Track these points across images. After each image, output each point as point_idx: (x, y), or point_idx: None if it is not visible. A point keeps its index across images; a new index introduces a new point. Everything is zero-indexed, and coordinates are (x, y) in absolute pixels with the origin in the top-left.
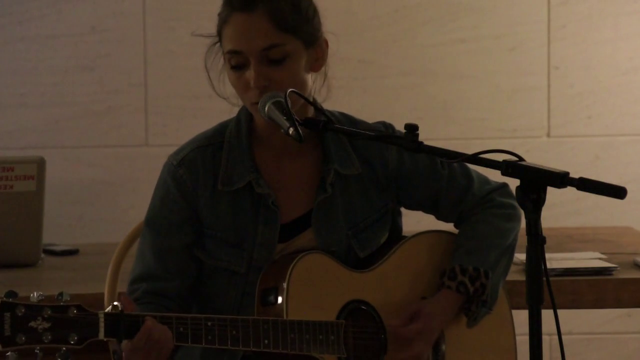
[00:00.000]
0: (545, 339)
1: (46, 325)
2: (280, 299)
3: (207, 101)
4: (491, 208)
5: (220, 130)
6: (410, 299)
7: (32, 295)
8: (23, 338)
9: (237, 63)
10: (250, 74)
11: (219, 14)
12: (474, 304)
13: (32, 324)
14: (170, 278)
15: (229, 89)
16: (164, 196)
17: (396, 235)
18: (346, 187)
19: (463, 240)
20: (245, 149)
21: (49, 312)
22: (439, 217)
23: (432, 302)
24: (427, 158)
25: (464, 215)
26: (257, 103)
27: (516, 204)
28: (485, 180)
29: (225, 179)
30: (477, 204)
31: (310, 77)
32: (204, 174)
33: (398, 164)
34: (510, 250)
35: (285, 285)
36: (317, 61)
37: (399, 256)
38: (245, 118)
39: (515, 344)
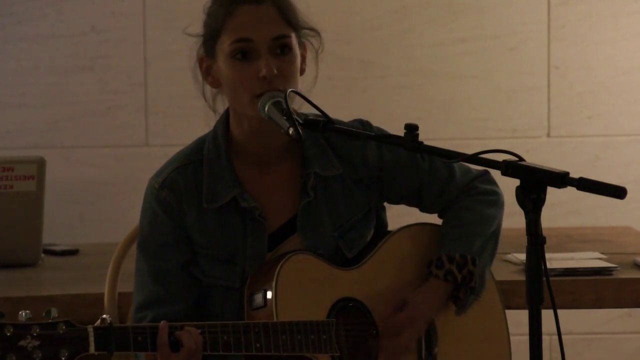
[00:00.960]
0: (545, 339)
1: (36, 343)
2: (269, 301)
3: None
4: (474, 195)
5: (198, 147)
6: (399, 293)
7: (20, 314)
8: (14, 357)
9: (244, 53)
10: (261, 63)
11: (214, 11)
12: (462, 291)
13: (22, 342)
14: (173, 301)
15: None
16: (152, 219)
17: (382, 231)
18: (328, 188)
19: (448, 229)
20: (225, 163)
21: (38, 330)
22: (422, 209)
23: (420, 291)
24: (407, 152)
25: (448, 204)
26: (259, 96)
27: (498, 189)
28: (466, 169)
29: (209, 196)
30: (459, 193)
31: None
32: (187, 194)
33: (378, 160)
34: (495, 236)
35: (273, 285)
36: (301, 65)
37: (385, 251)
38: (222, 131)
39: (508, 334)
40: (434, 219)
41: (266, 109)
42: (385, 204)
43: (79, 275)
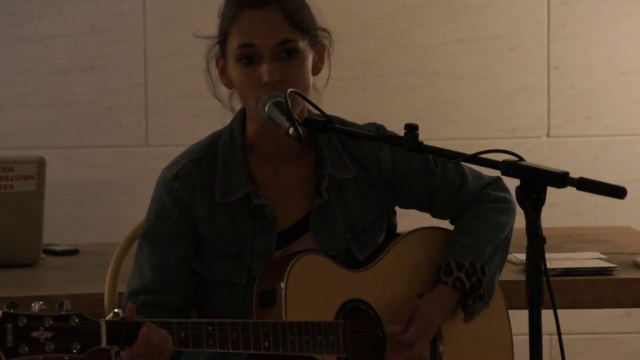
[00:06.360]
0: (545, 339)
1: (48, 335)
2: (278, 300)
3: (207, 101)
4: (486, 203)
5: (214, 141)
6: (407, 296)
7: (33, 305)
8: (26, 348)
9: (249, 57)
10: (263, 68)
11: (223, 14)
12: (471, 298)
13: (35, 334)
14: (168, 291)
15: (223, 93)
16: (159, 210)
17: (391, 234)
18: (342, 190)
19: (458, 235)
20: (240, 159)
21: (51, 321)
22: (434, 215)
23: (429, 299)
24: (421, 157)
25: (459, 211)
26: None
27: (510, 197)
28: (478, 175)
29: (222, 190)
30: (471, 200)
31: (312, 80)
32: (200, 187)
33: (392, 164)
34: (506, 243)
35: (283, 285)
36: (317, 64)
37: (395, 254)
38: (238, 127)
39: (511, 338)
40: (437, 221)
41: (266, 109)
42: (397, 208)
43: (79, 275)
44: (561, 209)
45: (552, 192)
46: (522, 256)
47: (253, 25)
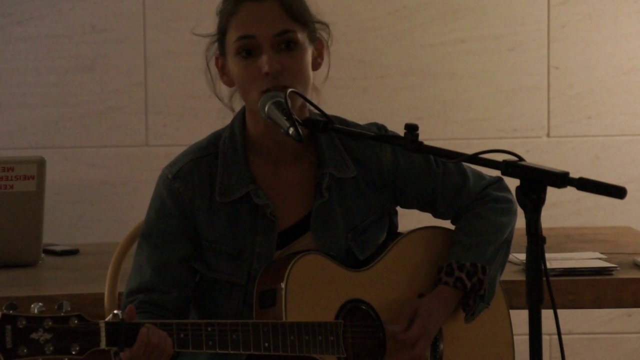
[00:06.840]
0: (545, 339)
1: (48, 336)
2: (278, 301)
3: (207, 101)
4: (487, 203)
5: (214, 141)
6: (407, 296)
7: (32, 306)
8: (25, 350)
9: (248, 49)
10: (263, 59)
11: (222, 11)
12: (472, 299)
13: (34, 335)
14: (167, 291)
15: (223, 92)
16: (160, 209)
17: (392, 233)
18: (342, 190)
19: (460, 236)
20: (240, 159)
21: (50, 323)
22: (436, 215)
23: (429, 299)
24: (422, 157)
25: (461, 211)
26: (266, 92)
27: (512, 197)
28: (480, 175)
29: (222, 190)
30: (473, 200)
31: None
32: (201, 187)
33: (393, 164)
34: (507, 244)
35: (283, 285)
36: (317, 59)
37: (396, 254)
38: (239, 127)
39: (512, 338)
40: (439, 221)
41: (266, 109)
42: (399, 208)
43: (79, 275)
44: (561, 209)
45: (552, 192)
46: (522, 256)
47: (252, 17)
